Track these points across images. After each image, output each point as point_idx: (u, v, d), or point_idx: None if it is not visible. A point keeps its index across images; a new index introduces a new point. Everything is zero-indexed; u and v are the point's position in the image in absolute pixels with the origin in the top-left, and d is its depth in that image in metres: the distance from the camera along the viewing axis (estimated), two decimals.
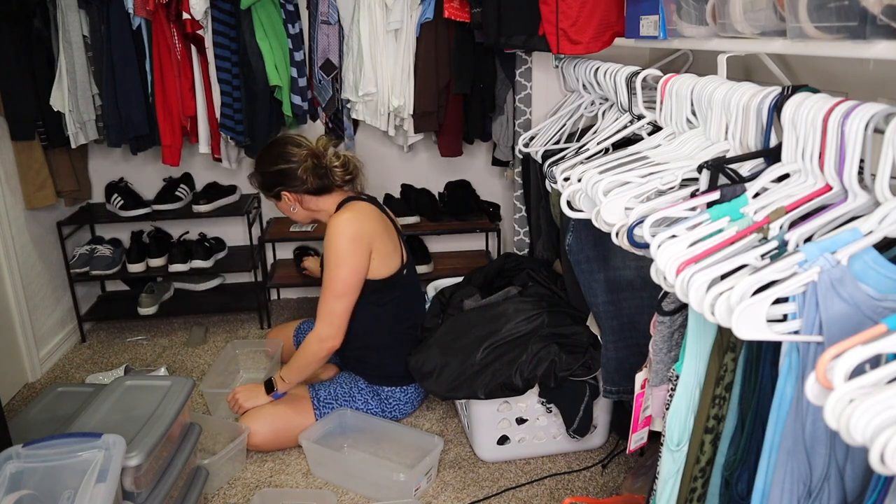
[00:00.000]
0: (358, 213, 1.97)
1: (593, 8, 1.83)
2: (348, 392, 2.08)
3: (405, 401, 2.13)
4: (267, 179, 2.03)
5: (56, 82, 2.41)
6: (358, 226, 1.93)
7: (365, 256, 1.94)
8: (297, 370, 2.00)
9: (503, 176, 3.06)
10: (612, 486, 1.88)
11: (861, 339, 0.65)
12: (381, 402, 2.10)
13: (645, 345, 1.31)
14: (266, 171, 2.02)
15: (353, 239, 1.91)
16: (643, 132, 1.56)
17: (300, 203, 2.04)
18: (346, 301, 1.95)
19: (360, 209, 1.99)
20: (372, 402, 2.09)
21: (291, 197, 2.03)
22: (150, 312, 2.78)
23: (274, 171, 2.00)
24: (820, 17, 0.99)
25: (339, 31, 2.62)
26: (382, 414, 2.11)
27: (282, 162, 1.99)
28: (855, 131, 0.85)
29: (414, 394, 2.14)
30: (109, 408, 1.62)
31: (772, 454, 0.83)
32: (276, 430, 1.99)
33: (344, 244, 1.90)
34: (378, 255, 1.98)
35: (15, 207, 2.44)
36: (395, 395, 2.11)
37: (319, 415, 2.03)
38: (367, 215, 1.99)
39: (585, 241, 1.65)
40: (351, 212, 1.96)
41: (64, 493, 1.28)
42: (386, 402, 2.10)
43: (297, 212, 2.07)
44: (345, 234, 1.91)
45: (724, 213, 0.96)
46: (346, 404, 2.06)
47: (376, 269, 1.99)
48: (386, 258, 2.00)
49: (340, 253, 1.91)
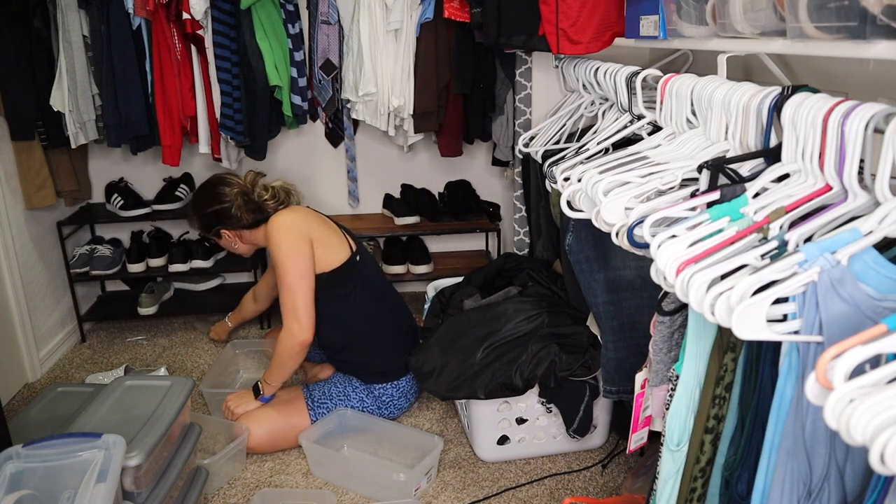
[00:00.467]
0: (288, 212, 2.03)
1: (593, 8, 1.83)
2: (343, 391, 2.09)
3: (398, 395, 2.13)
4: (204, 221, 2.11)
5: (56, 82, 2.41)
6: (291, 220, 1.98)
7: (306, 245, 1.96)
8: (276, 371, 2.01)
9: (503, 176, 3.06)
10: (612, 486, 1.88)
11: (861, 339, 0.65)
12: (376, 400, 2.10)
13: (645, 345, 1.31)
14: (202, 213, 2.11)
15: (289, 231, 1.96)
16: (643, 132, 1.56)
17: (240, 238, 2.13)
18: (303, 291, 1.95)
19: (290, 209, 2.06)
20: (367, 400, 2.09)
21: (230, 234, 2.11)
22: (150, 312, 2.78)
23: (209, 212, 2.08)
24: (820, 17, 0.99)
25: (339, 31, 2.62)
26: (379, 411, 2.10)
27: (215, 203, 2.07)
28: (855, 131, 0.85)
29: (406, 387, 2.14)
30: (109, 408, 1.62)
31: (772, 454, 0.83)
32: (272, 431, 1.99)
33: (282, 239, 1.95)
34: (321, 245, 1.99)
35: (15, 207, 2.44)
36: (388, 391, 2.11)
37: (315, 415, 2.03)
38: (299, 212, 2.04)
39: (585, 241, 1.65)
40: (281, 214, 2.02)
41: (64, 493, 1.28)
42: (380, 399, 2.10)
43: (239, 246, 2.16)
44: (280, 230, 1.96)
45: (724, 213, 0.96)
46: (340, 403, 2.06)
47: (323, 259, 1.99)
48: (330, 248, 2.02)
49: (282, 249, 1.94)
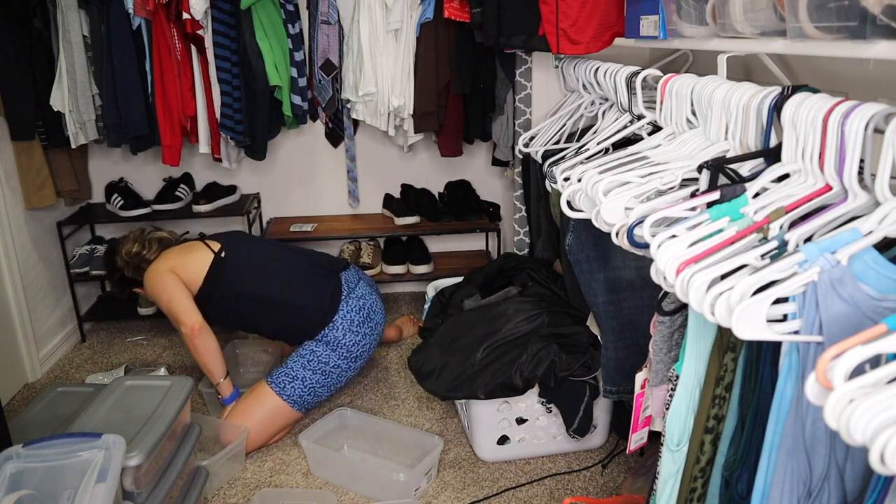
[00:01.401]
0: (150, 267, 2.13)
1: (593, 8, 1.83)
2: (300, 361, 2.10)
3: (343, 332, 2.14)
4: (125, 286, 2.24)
5: (56, 82, 2.41)
6: (152, 274, 2.10)
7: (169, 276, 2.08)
8: (205, 369, 2.08)
9: (503, 176, 3.06)
10: (612, 486, 1.88)
11: (861, 339, 0.65)
12: (328, 346, 2.11)
13: (645, 345, 1.31)
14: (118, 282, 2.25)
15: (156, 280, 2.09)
16: (643, 132, 1.56)
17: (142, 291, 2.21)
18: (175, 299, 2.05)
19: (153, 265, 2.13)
20: (319, 350, 2.11)
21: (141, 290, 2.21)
22: (150, 312, 2.78)
23: (116, 279, 2.24)
24: (820, 17, 0.99)
25: (339, 31, 2.62)
26: (339, 359, 2.12)
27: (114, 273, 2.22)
28: (855, 131, 0.85)
29: (346, 321, 2.14)
30: (109, 408, 1.62)
31: (772, 454, 0.83)
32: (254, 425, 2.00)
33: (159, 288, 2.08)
34: (182, 266, 2.10)
35: (15, 207, 2.44)
36: (331, 334, 2.12)
37: (286, 396, 2.03)
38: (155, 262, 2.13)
39: (585, 241, 1.65)
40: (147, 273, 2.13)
41: (64, 493, 1.28)
42: (332, 345, 2.12)
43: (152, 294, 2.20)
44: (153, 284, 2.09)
45: (724, 213, 0.96)
46: (298, 367, 2.08)
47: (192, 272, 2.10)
48: (192, 262, 2.12)
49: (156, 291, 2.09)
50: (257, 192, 3.02)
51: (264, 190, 3.04)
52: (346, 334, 2.14)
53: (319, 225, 2.92)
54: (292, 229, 2.89)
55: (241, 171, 2.98)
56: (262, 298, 2.13)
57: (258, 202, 3.01)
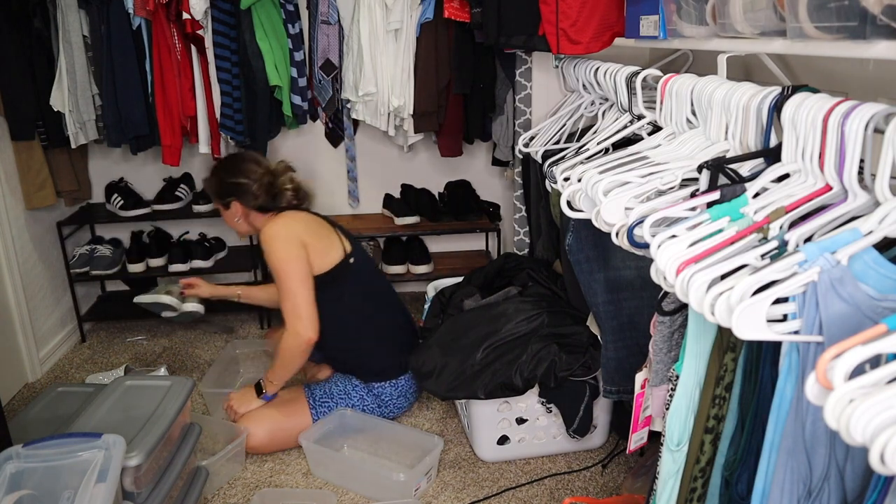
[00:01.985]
0: (280, 218, 2.03)
1: (593, 8, 1.83)
2: (343, 390, 2.09)
3: (398, 395, 2.13)
4: (222, 188, 2.10)
5: (56, 82, 2.41)
6: (282, 228, 2.00)
7: (300, 249, 1.98)
8: (280, 370, 2.01)
9: (503, 176, 3.06)
10: (612, 486, 1.88)
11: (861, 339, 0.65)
12: (376, 398, 2.10)
13: (645, 345, 1.31)
14: (224, 179, 2.10)
15: (283, 240, 1.98)
16: (643, 132, 1.56)
17: (245, 217, 2.11)
18: (303, 293, 1.96)
19: (284, 215, 2.05)
20: (367, 399, 2.09)
21: (240, 210, 2.10)
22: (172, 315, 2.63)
23: (231, 182, 2.08)
24: (820, 17, 0.99)
25: (339, 31, 2.62)
26: (379, 410, 2.11)
27: (241, 175, 2.07)
28: (855, 131, 0.85)
29: (406, 387, 2.14)
30: (109, 408, 1.62)
31: (772, 454, 0.83)
32: (273, 432, 1.99)
33: (278, 247, 1.97)
34: (314, 251, 2.01)
35: (15, 207, 2.44)
36: (387, 390, 2.11)
37: (316, 415, 2.03)
38: (292, 218, 2.04)
39: (585, 241, 1.65)
40: (273, 220, 2.03)
41: (64, 493, 1.28)
42: (380, 398, 2.10)
43: (240, 223, 2.14)
44: (275, 239, 1.98)
45: (724, 213, 0.96)
46: (341, 403, 2.06)
47: (317, 263, 2.02)
48: (323, 252, 2.03)
49: (279, 256, 1.97)
50: None
51: None
52: (398, 398, 2.14)
53: None
54: None
55: None
56: (358, 324, 2.09)
57: None
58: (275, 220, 2.02)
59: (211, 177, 2.14)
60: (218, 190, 2.12)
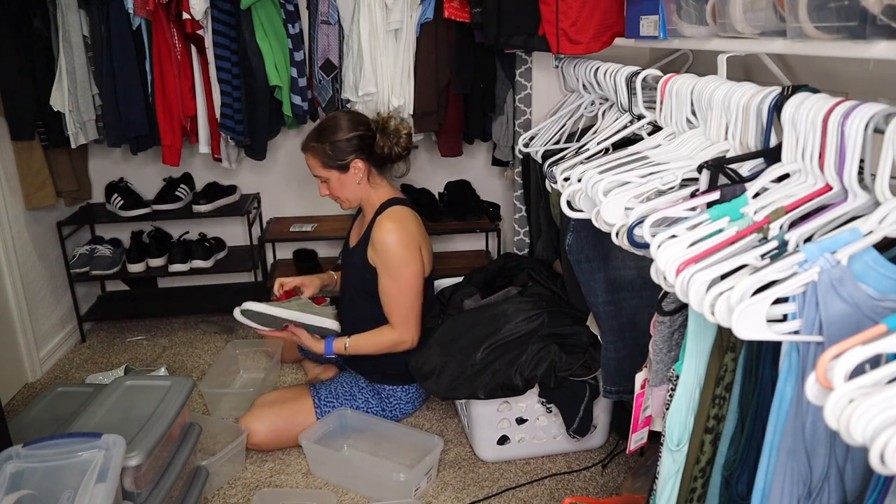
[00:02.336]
0: (404, 221, 2.00)
1: (593, 8, 1.83)
2: (349, 391, 2.08)
3: (406, 400, 2.13)
4: (343, 147, 1.96)
5: (56, 82, 2.41)
6: (408, 234, 1.99)
7: (420, 260, 2.01)
8: (363, 346, 2.02)
9: (503, 176, 3.06)
10: (612, 486, 1.88)
11: (861, 339, 0.65)
12: (382, 402, 2.10)
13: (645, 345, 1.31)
14: (343, 138, 1.96)
15: (408, 246, 1.98)
16: (643, 132, 1.56)
17: (367, 178, 2.02)
18: (417, 303, 2.02)
19: (405, 216, 2.02)
20: (373, 401, 2.09)
21: (363, 168, 1.99)
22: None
23: (354, 136, 1.97)
24: (820, 17, 0.99)
25: (339, 31, 2.62)
26: (383, 413, 2.11)
27: (362, 128, 1.98)
28: (855, 131, 0.85)
29: (415, 393, 2.15)
30: (109, 408, 1.62)
31: (772, 454, 0.83)
32: (277, 429, 1.99)
33: (402, 252, 1.97)
34: (425, 252, 2.05)
35: (15, 207, 2.44)
36: (396, 393, 2.11)
37: (320, 414, 2.03)
38: (412, 221, 2.03)
39: (585, 241, 1.65)
40: (396, 220, 1.99)
41: (64, 493, 1.28)
42: (387, 402, 2.10)
43: (359, 187, 2.02)
44: (401, 243, 1.97)
45: (724, 213, 0.96)
46: (346, 403, 2.06)
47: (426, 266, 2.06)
48: (429, 254, 2.08)
49: (401, 261, 1.96)
50: (257, 192, 3.02)
51: (264, 190, 3.04)
52: (406, 404, 2.15)
53: (319, 225, 2.92)
54: (292, 229, 2.89)
55: (241, 171, 2.98)
56: None
57: (258, 202, 3.01)
58: (397, 220, 1.98)
59: (320, 143, 1.97)
60: (338, 149, 1.96)
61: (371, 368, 2.11)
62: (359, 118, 2.03)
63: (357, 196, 2.07)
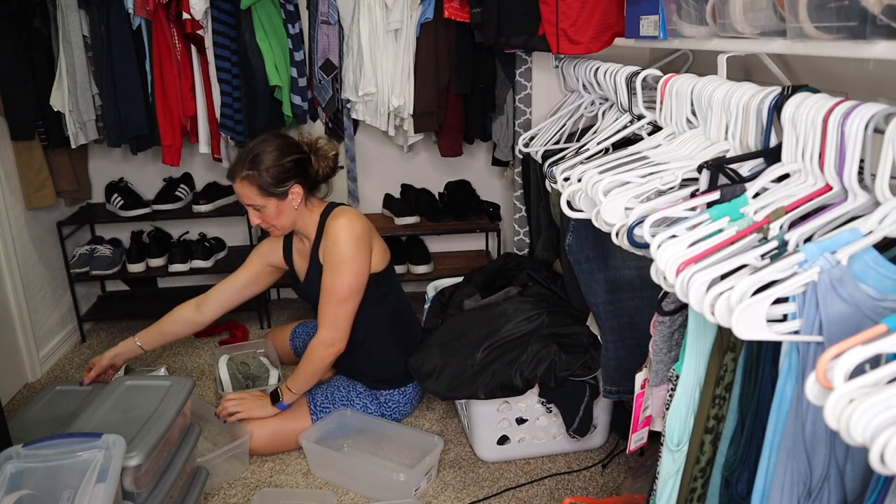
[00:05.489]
0: (354, 215, 1.97)
1: (593, 8, 1.83)
2: (346, 396, 2.08)
3: (404, 402, 2.13)
4: (282, 170, 1.88)
5: (56, 82, 2.41)
6: (360, 227, 1.94)
7: (367, 258, 1.96)
8: (304, 378, 1.97)
9: (503, 176, 3.06)
10: (612, 486, 1.88)
11: (861, 339, 0.65)
12: (381, 406, 2.10)
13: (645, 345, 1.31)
14: (280, 163, 1.87)
15: (357, 241, 1.91)
16: (643, 132, 1.56)
17: (305, 203, 1.97)
18: (351, 304, 1.95)
19: (353, 212, 1.99)
20: (371, 406, 2.09)
21: (301, 193, 1.93)
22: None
23: (291, 160, 1.89)
24: (820, 17, 0.99)
25: (339, 31, 2.62)
26: (381, 416, 2.10)
27: (295, 151, 1.91)
28: (855, 131, 0.85)
29: (413, 394, 2.14)
30: (109, 408, 1.62)
31: (772, 454, 0.83)
32: (274, 434, 1.98)
33: (349, 248, 1.90)
34: (376, 251, 2.01)
35: (15, 207, 2.44)
36: (394, 397, 2.11)
37: (317, 419, 2.02)
38: (360, 217, 1.99)
39: (585, 241, 1.65)
40: (347, 215, 1.95)
41: (64, 493, 1.28)
42: (385, 406, 2.10)
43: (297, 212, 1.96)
44: (349, 237, 1.90)
45: (724, 213, 0.96)
46: (343, 407, 2.06)
47: (374, 261, 2.00)
48: (381, 252, 2.04)
49: (346, 257, 1.90)
50: None
51: None
52: (405, 405, 2.14)
53: None
54: None
55: None
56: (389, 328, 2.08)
57: None
58: (347, 215, 1.94)
59: (256, 170, 1.86)
60: (276, 176, 1.87)
61: (368, 373, 2.10)
62: (289, 141, 1.94)
63: (292, 222, 1.98)
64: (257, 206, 1.91)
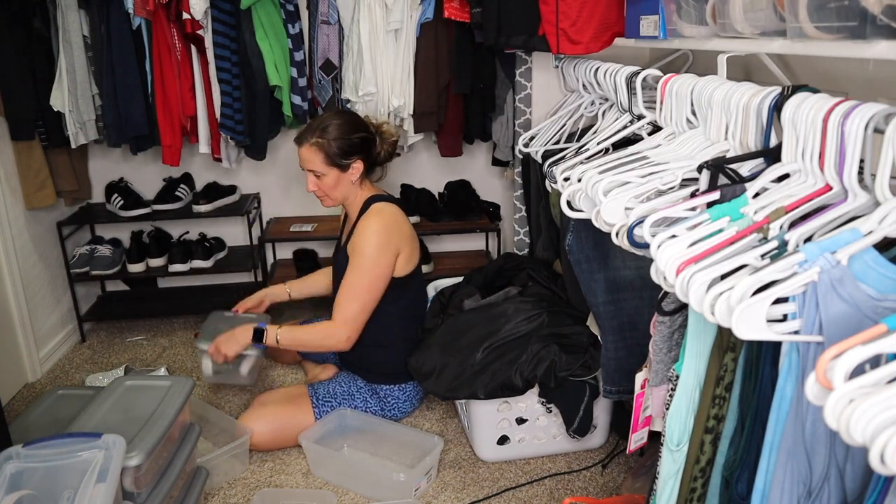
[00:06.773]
0: (389, 220, 2.01)
1: (593, 8, 1.83)
2: (347, 391, 2.08)
3: (404, 399, 2.13)
4: (347, 146, 1.96)
5: (56, 82, 2.41)
6: (388, 235, 1.98)
7: (391, 264, 2.00)
8: (296, 342, 2.02)
9: (503, 176, 3.06)
10: (612, 486, 1.88)
11: (861, 339, 0.65)
12: (381, 401, 2.10)
13: (645, 345, 1.31)
14: (349, 136, 1.97)
15: (381, 246, 1.97)
16: (643, 132, 1.56)
17: (360, 179, 2.04)
18: (369, 304, 1.99)
19: (391, 213, 2.03)
20: (371, 401, 2.09)
21: (361, 169, 2.01)
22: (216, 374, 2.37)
23: (358, 137, 1.98)
24: (820, 17, 0.99)
25: (339, 31, 2.62)
26: (382, 413, 2.10)
27: (363, 130, 2.01)
28: (855, 131, 0.85)
29: (413, 392, 2.14)
30: (109, 408, 1.62)
31: (772, 454, 0.83)
32: (275, 429, 1.99)
33: (372, 250, 1.96)
34: (403, 256, 2.03)
35: (15, 207, 2.44)
36: (394, 393, 2.11)
37: (319, 414, 2.03)
38: (397, 220, 2.03)
39: (585, 241, 1.65)
40: (382, 216, 2.00)
41: (64, 493, 1.28)
42: (385, 401, 2.10)
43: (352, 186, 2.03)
44: (375, 240, 1.96)
45: (724, 213, 0.96)
46: (345, 403, 2.06)
47: (401, 266, 2.04)
48: (409, 257, 2.06)
49: (367, 259, 1.96)
50: (257, 192, 3.02)
51: (264, 190, 3.04)
52: (404, 402, 2.14)
53: (319, 225, 2.92)
54: (292, 229, 2.89)
55: (240, 171, 2.98)
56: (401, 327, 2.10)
57: (258, 202, 3.01)
58: (383, 217, 1.99)
59: (324, 138, 1.94)
60: (342, 148, 1.95)
61: (370, 368, 2.11)
62: (358, 119, 2.05)
63: (346, 195, 2.06)
64: (318, 172, 1.99)
